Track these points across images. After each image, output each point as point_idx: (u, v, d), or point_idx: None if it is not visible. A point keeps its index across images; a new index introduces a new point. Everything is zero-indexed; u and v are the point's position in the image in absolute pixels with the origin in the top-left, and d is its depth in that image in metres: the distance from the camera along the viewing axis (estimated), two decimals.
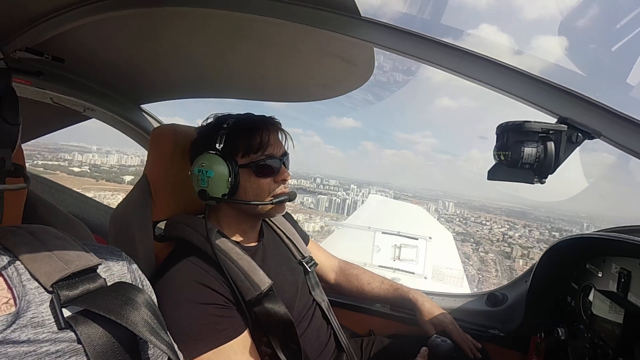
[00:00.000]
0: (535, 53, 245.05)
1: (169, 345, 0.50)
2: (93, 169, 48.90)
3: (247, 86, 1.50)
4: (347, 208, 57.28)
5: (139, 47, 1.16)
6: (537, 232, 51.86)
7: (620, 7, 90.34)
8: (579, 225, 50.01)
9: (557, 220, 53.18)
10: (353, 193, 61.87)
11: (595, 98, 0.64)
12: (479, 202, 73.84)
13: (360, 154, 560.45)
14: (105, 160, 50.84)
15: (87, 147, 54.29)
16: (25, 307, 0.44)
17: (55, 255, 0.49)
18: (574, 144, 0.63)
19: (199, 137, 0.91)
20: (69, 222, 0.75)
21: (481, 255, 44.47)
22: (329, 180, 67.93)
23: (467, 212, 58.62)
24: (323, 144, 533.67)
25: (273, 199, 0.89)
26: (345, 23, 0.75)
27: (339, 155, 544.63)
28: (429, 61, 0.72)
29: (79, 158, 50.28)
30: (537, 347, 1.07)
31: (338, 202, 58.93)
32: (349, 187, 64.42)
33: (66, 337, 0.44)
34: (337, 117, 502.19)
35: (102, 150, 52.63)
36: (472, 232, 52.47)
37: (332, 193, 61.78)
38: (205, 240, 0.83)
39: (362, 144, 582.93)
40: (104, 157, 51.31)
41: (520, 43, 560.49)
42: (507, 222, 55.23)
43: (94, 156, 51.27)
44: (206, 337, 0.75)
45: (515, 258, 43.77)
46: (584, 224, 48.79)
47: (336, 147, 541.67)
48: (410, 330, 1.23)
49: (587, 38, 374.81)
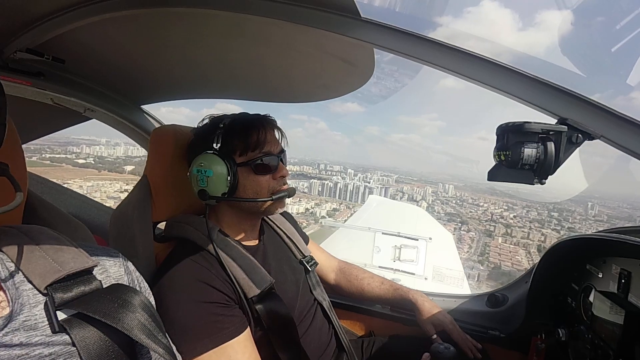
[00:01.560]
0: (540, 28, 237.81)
1: (166, 348, 0.49)
2: (97, 160, 49.40)
3: (247, 87, 1.50)
4: (338, 191, 58.18)
5: (139, 48, 1.16)
6: (535, 212, 52.05)
7: (620, 8, 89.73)
8: (584, 204, 49.41)
9: (564, 201, 52.78)
10: (348, 177, 62.46)
11: (595, 99, 0.64)
12: (489, 185, 73.27)
13: (366, 139, 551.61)
14: (112, 152, 51.45)
15: (97, 140, 55.05)
16: (19, 310, 0.43)
17: (50, 256, 0.48)
18: (574, 144, 0.63)
19: (196, 138, 0.92)
20: (69, 223, 0.75)
21: (462, 233, 44.96)
22: (332, 166, 68.29)
23: (467, 194, 58.73)
24: (329, 130, 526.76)
25: (272, 196, 0.89)
26: (345, 23, 0.75)
27: (346, 141, 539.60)
28: (429, 62, 0.72)
29: (86, 150, 50.74)
30: (537, 348, 1.07)
31: (330, 185, 59.31)
32: (346, 172, 65.07)
33: (60, 340, 0.43)
34: (341, 102, 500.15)
35: (110, 142, 53.15)
36: (464, 212, 53.07)
37: (326, 178, 62.30)
38: (207, 239, 0.83)
39: (369, 129, 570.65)
40: (112, 149, 51.95)
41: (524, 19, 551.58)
42: (507, 203, 55.38)
43: (101, 148, 51.83)
44: (207, 335, 0.75)
45: (495, 236, 44.60)
46: (589, 203, 48.52)
47: (343, 133, 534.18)
48: (410, 331, 1.23)
49: (587, 38, 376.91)
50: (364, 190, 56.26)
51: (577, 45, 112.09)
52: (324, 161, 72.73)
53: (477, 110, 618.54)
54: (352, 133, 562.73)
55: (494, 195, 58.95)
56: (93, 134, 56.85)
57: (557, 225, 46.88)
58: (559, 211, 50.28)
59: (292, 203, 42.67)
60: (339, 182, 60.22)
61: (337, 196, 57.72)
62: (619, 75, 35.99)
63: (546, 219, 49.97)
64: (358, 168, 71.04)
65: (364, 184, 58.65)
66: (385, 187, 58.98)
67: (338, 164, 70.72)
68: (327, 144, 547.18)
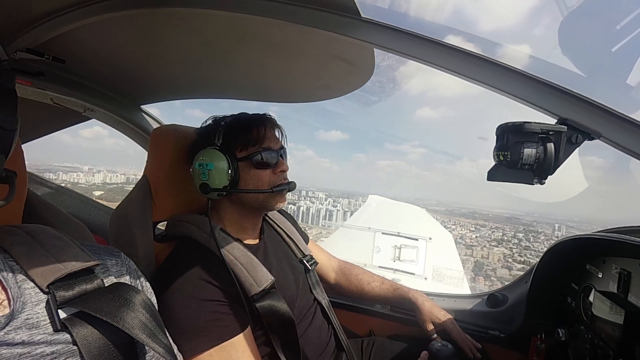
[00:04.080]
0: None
1: (166, 348, 0.49)
2: (71, 186, 49.55)
3: (247, 87, 1.50)
4: (301, 214, 63.72)
5: (139, 48, 1.16)
6: (500, 232, 55.00)
7: (621, 7, 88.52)
8: (551, 226, 52.82)
9: (537, 223, 55.23)
10: (318, 202, 67.16)
11: (595, 99, 0.64)
12: (469, 209, 75.29)
13: (354, 166, 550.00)
14: (90, 179, 51.81)
15: (79, 167, 55.53)
16: (20, 308, 0.43)
17: (52, 255, 0.49)
18: (573, 144, 0.63)
19: (198, 137, 0.94)
20: (69, 223, 0.75)
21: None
22: (315, 192, 71.30)
23: (438, 216, 60.32)
24: (317, 157, 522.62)
25: (273, 189, 0.89)
26: (345, 24, 0.75)
27: (335, 168, 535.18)
28: (429, 62, 0.72)
29: (63, 177, 50.93)
30: (537, 348, 1.07)
31: (294, 209, 62.91)
32: (316, 196, 68.66)
33: (62, 338, 0.43)
34: (325, 131, 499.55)
35: (93, 170, 53.65)
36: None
37: (293, 202, 65.44)
38: (209, 237, 0.84)
39: (355, 156, 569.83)
40: (90, 176, 52.17)
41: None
42: (474, 224, 58.47)
43: (78, 175, 52.27)
44: (208, 333, 0.75)
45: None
46: (555, 225, 51.89)
47: (331, 160, 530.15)
48: (410, 331, 1.23)
49: (587, 38, 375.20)
50: (324, 213, 62.63)
51: (578, 45, 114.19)
52: (312, 188, 75.27)
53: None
54: (340, 160, 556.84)
55: (469, 219, 61.46)
56: (77, 162, 58.07)
57: (514, 245, 49.93)
58: (525, 232, 53.03)
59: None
60: (301, 206, 64.69)
61: (300, 219, 60.51)
62: (619, 75, 35.90)
63: (506, 238, 52.62)
64: (343, 194, 74.12)
65: (329, 207, 63.73)
66: (345, 210, 62.58)
67: (324, 191, 73.64)
68: (315, 170, 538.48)
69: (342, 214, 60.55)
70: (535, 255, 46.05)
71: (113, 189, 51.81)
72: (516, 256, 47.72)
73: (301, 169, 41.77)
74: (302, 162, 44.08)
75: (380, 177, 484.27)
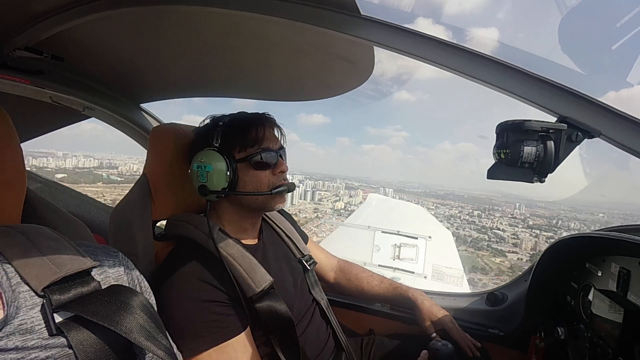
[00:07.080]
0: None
1: (166, 350, 0.48)
2: (34, 169, 49.73)
3: (247, 85, 1.50)
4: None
5: (138, 46, 1.15)
6: (456, 210, 56.66)
7: (621, 5, 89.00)
8: (512, 204, 54.34)
9: (505, 203, 56.69)
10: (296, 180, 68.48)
11: (595, 97, 0.64)
12: (447, 190, 76.08)
13: (339, 150, 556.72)
14: (60, 164, 51.94)
15: (53, 153, 55.45)
16: (14, 313, 0.42)
17: (47, 257, 0.47)
18: (573, 143, 0.63)
19: (197, 137, 0.93)
20: (69, 222, 0.75)
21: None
22: (294, 175, 71.21)
23: (405, 196, 61.53)
24: (301, 142, 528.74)
25: (272, 190, 0.89)
26: (345, 21, 0.75)
27: (320, 152, 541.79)
28: (429, 60, 0.72)
29: (32, 162, 50.78)
30: (536, 346, 1.07)
31: None
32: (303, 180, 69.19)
33: (57, 343, 0.43)
34: (307, 114, 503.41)
35: (68, 155, 53.71)
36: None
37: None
38: (207, 238, 0.84)
39: (339, 140, 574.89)
40: (61, 160, 52.41)
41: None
42: (436, 203, 59.81)
43: (48, 159, 52.24)
44: (208, 334, 0.75)
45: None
46: (516, 203, 53.73)
47: (317, 144, 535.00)
48: (410, 330, 1.24)
49: (587, 36, 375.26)
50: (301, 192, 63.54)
51: (577, 43, 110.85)
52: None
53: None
54: (324, 144, 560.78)
55: (438, 199, 62.54)
56: (54, 148, 58.18)
57: (463, 221, 52.40)
58: (483, 210, 55.12)
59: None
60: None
61: None
62: (619, 73, 34.92)
63: (463, 215, 54.64)
64: (325, 177, 74.85)
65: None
66: (313, 190, 64.64)
67: (300, 174, 73.96)
68: (302, 154, 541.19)
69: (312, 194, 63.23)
70: (475, 229, 48.98)
71: (78, 173, 51.42)
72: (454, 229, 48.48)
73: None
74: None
75: (366, 161, 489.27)
